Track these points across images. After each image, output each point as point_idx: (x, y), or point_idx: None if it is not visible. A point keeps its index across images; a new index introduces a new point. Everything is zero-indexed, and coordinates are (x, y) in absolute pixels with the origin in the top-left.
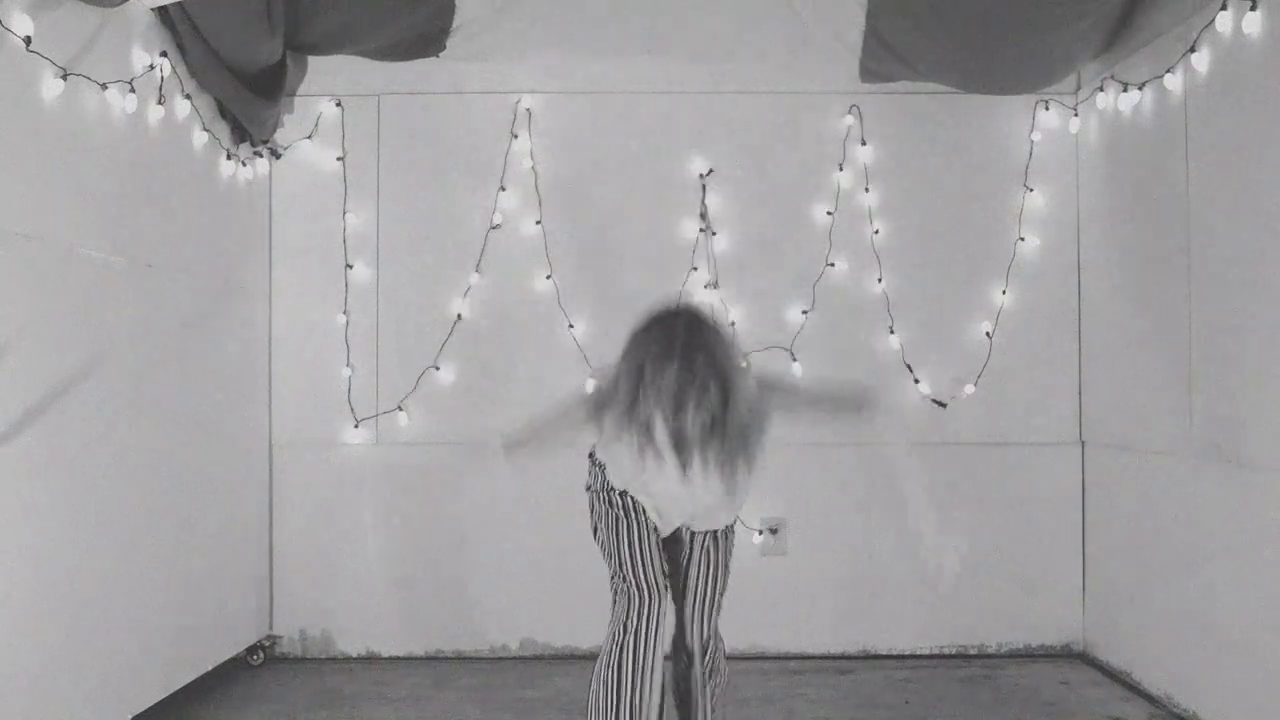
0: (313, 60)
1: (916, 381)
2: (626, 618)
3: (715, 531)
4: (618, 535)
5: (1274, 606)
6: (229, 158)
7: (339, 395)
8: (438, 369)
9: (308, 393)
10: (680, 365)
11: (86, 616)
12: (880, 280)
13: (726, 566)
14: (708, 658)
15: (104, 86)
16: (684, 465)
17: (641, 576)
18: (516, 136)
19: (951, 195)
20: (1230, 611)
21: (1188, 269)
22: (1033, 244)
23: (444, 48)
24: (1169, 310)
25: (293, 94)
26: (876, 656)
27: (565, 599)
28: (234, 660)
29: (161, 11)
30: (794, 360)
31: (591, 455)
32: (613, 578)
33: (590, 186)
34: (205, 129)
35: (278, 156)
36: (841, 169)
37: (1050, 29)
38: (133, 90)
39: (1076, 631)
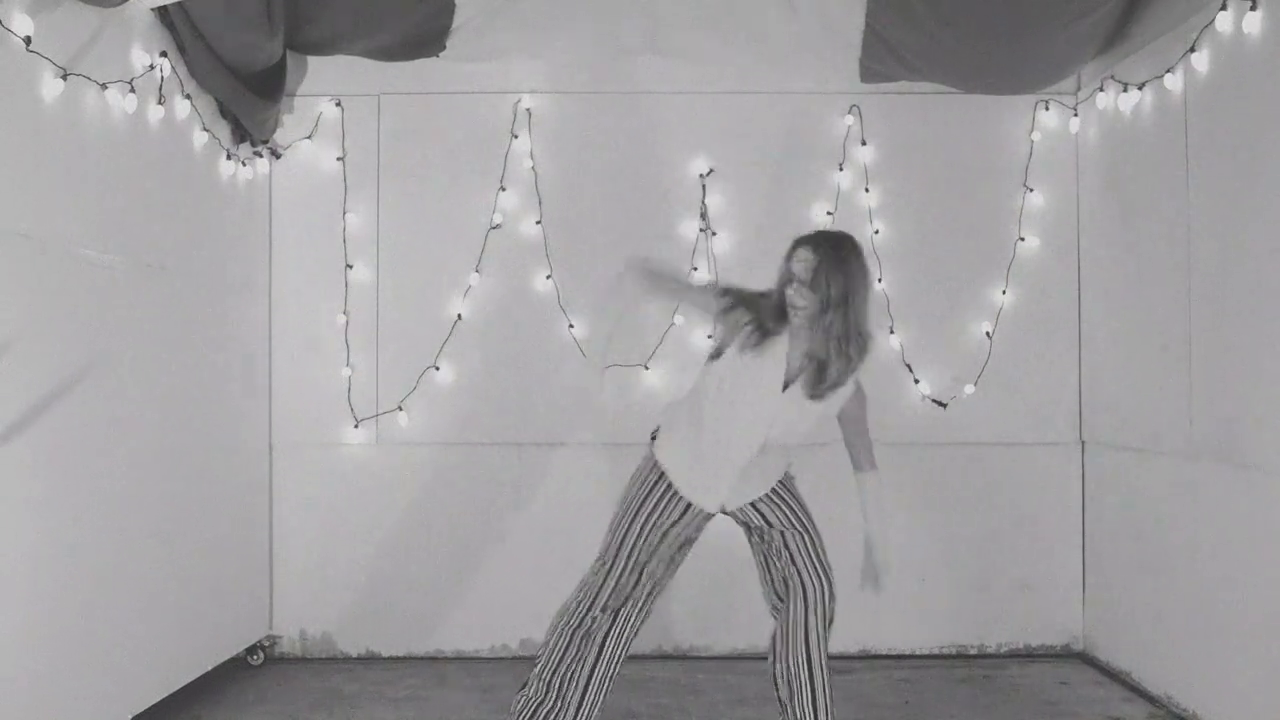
0: (313, 60)
1: (916, 381)
2: (590, 610)
3: (773, 498)
4: (634, 517)
5: (1274, 606)
6: (229, 158)
7: (339, 395)
8: (438, 369)
9: (308, 393)
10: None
11: (86, 616)
12: (880, 280)
13: (810, 518)
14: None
15: (104, 86)
16: (790, 382)
17: (625, 570)
18: (516, 136)
19: (951, 195)
20: (1230, 611)
21: (1188, 269)
22: (1033, 244)
23: (444, 48)
24: (1169, 310)
25: (293, 94)
26: (876, 656)
27: (565, 599)
28: (234, 660)
29: (161, 11)
30: None
31: (653, 437)
32: (597, 559)
33: (590, 186)
34: (205, 129)
35: (278, 156)
36: (841, 169)
37: (1050, 29)
38: (133, 90)
39: (1076, 631)
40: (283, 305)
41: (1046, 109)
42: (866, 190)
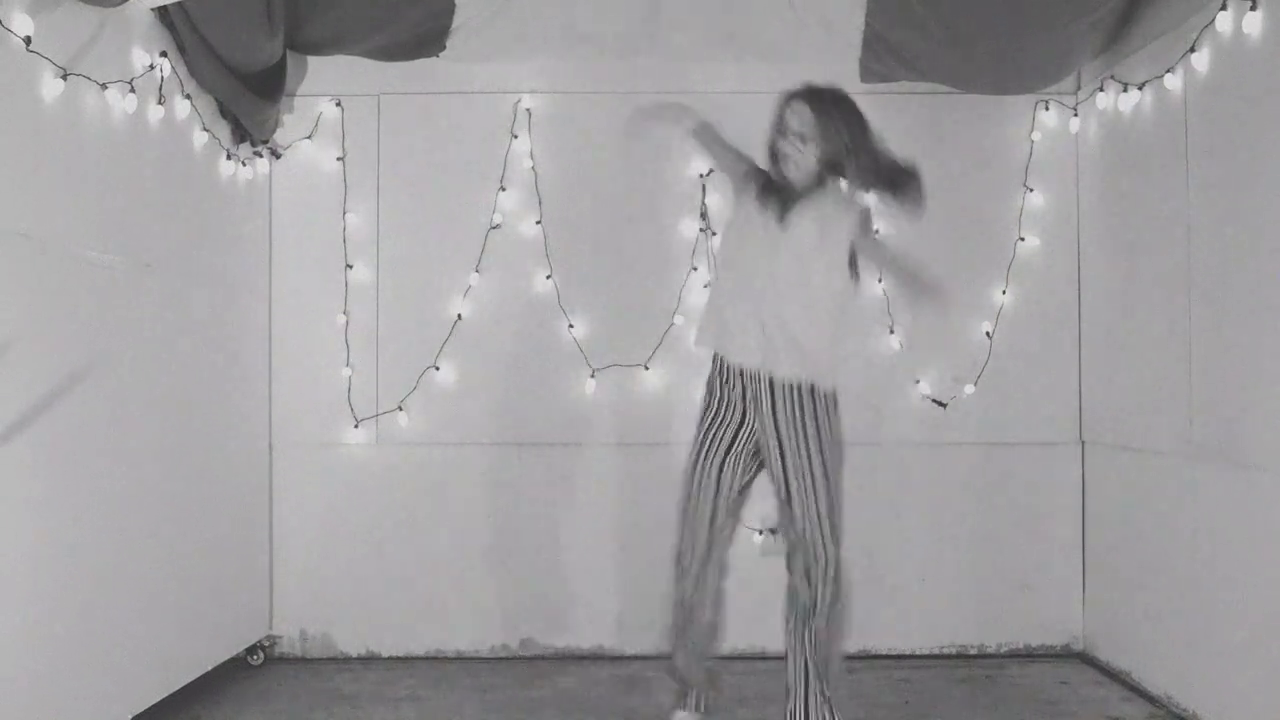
0: (313, 60)
1: (917, 382)
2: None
3: (799, 414)
4: (699, 430)
5: (1274, 606)
6: (229, 158)
7: (339, 395)
8: (438, 369)
9: (308, 393)
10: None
11: (86, 616)
12: (880, 280)
13: (825, 472)
14: (819, 587)
15: (104, 86)
16: (785, 210)
17: (696, 495)
18: (516, 136)
19: (951, 195)
20: (1230, 611)
21: (1187, 269)
22: (1033, 244)
23: (444, 48)
24: (1169, 310)
25: (293, 94)
26: (876, 656)
27: (565, 599)
28: (234, 660)
29: (161, 11)
30: None
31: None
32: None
33: (590, 186)
34: (205, 129)
35: (278, 156)
36: None
37: (1050, 29)
38: (133, 90)
39: (1076, 631)
40: (283, 305)
41: (1046, 109)
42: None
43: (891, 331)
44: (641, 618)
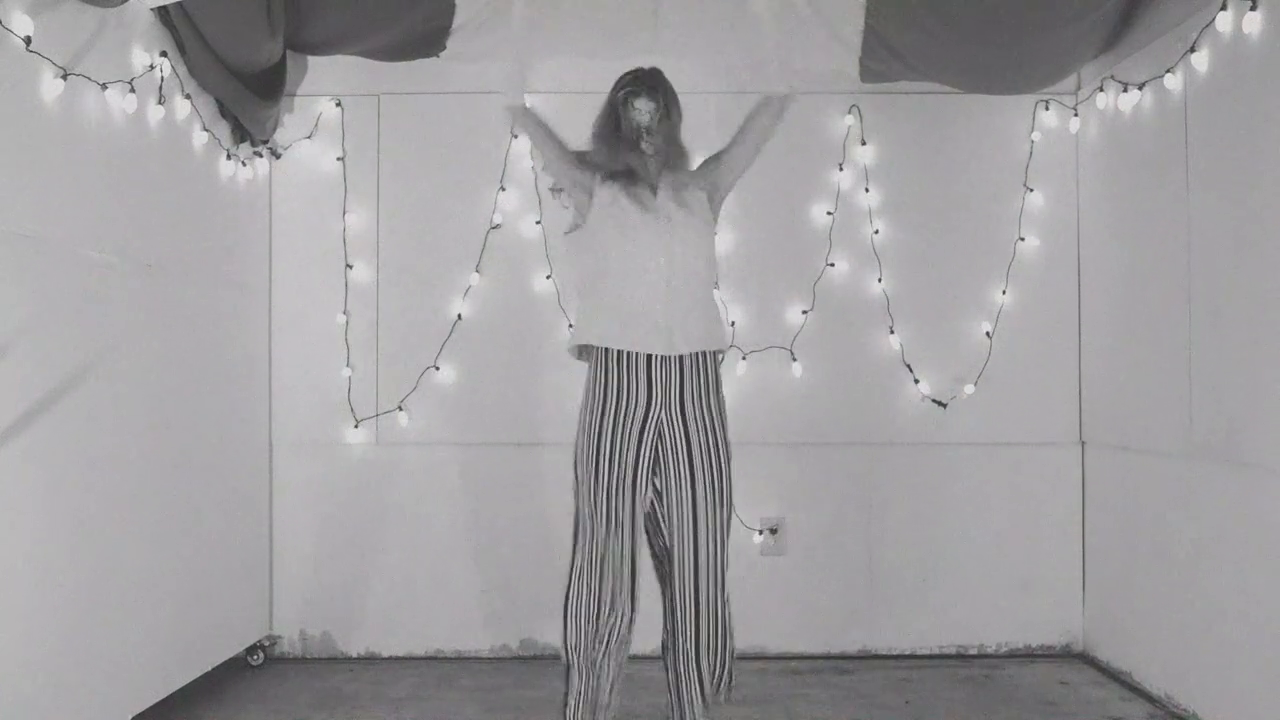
0: (313, 60)
1: (916, 381)
2: (584, 568)
3: (706, 431)
4: (588, 457)
5: (1274, 606)
6: (229, 158)
7: (339, 395)
8: (438, 369)
9: (308, 393)
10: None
11: (86, 616)
12: (880, 280)
13: (726, 499)
14: (717, 639)
15: (104, 86)
16: (651, 188)
17: (605, 506)
18: (516, 136)
19: (951, 195)
20: (1230, 611)
21: (1187, 269)
22: (1033, 244)
23: (444, 48)
24: (1169, 310)
25: (293, 94)
26: (876, 656)
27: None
28: (234, 660)
29: (161, 11)
30: (794, 360)
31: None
32: (576, 512)
33: None
34: (205, 129)
35: (278, 156)
36: (841, 169)
37: (1050, 29)
38: (133, 90)
39: (1076, 631)
40: (283, 305)
41: (1046, 109)
42: (866, 190)
43: (891, 331)
44: (641, 617)
